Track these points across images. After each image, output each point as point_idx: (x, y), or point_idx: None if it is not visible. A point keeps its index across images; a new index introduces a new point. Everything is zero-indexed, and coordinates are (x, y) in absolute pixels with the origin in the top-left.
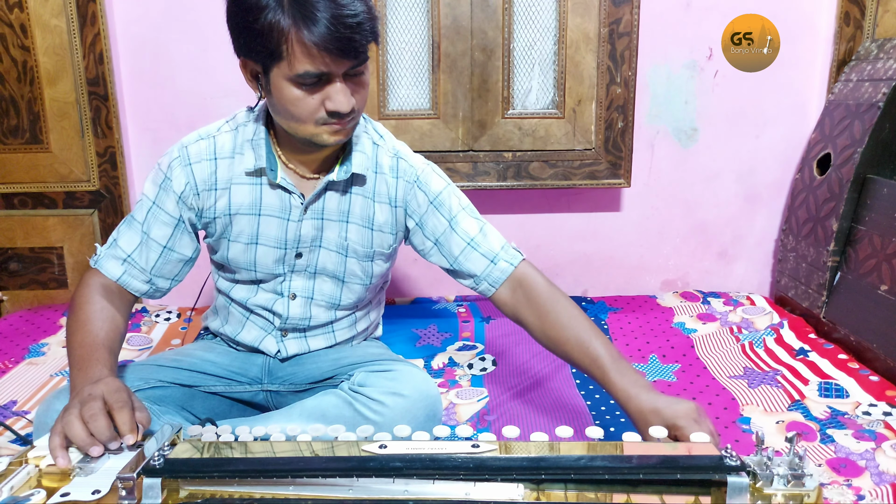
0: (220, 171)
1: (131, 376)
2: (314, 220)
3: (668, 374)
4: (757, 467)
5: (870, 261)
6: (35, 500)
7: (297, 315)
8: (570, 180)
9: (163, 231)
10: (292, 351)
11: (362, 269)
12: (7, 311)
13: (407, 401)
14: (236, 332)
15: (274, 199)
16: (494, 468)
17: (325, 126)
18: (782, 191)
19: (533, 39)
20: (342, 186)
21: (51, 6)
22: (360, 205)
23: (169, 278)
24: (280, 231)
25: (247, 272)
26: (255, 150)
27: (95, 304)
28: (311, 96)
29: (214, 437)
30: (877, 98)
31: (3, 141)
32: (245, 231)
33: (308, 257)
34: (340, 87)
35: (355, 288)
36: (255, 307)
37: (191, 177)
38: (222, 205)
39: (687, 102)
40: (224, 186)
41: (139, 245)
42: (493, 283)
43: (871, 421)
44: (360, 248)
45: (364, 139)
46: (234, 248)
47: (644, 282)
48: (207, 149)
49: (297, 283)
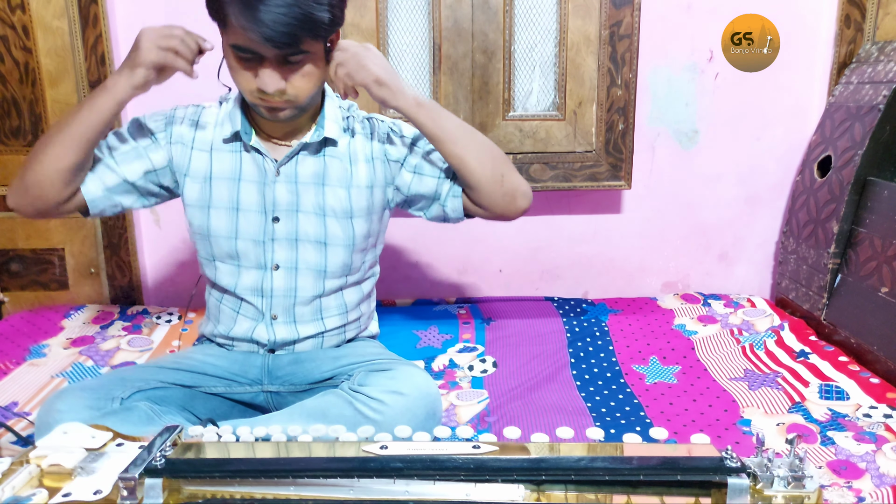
0: (199, 134)
1: (132, 378)
2: (288, 183)
3: (669, 376)
4: (757, 469)
5: (870, 263)
6: (37, 499)
7: (282, 288)
8: (570, 182)
9: (121, 145)
10: (281, 336)
11: (343, 230)
12: (8, 312)
13: (407, 399)
14: (229, 329)
15: (250, 164)
16: (495, 469)
17: (260, 101)
18: (783, 193)
19: (534, 41)
20: (315, 150)
21: (53, 8)
22: (335, 166)
23: (98, 185)
24: (259, 196)
25: (227, 242)
26: (232, 118)
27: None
28: (245, 70)
29: (215, 437)
30: (877, 100)
31: (5, 142)
32: (225, 197)
33: (287, 223)
34: (268, 70)
35: (338, 251)
36: (242, 293)
37: (171, 128)
38: (199, 167)
39: (687, 105)
40: (202, 149)
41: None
42: (457, 193)
43: (871, 423)
44: (338, 206)
45: (335, 110)
46: (214, 215)
47: (645, 284)
48: (193, 115)
49: (279, 253)
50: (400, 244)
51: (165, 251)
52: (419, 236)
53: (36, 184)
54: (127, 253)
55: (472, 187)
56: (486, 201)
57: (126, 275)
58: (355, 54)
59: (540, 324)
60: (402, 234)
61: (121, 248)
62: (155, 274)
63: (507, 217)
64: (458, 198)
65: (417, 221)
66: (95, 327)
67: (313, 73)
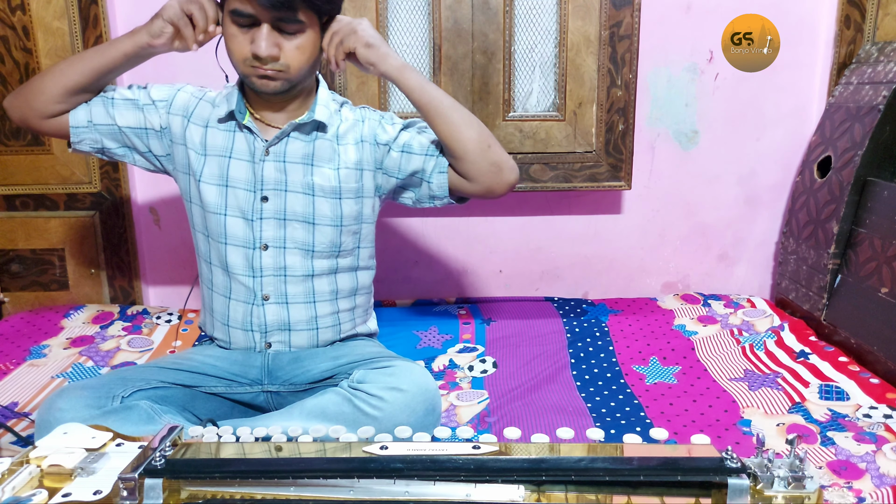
0: (198, 109)
1: (133, 377)
2: (276, 162)
3: (669, 377)
4: (757, 469)
5: (870, 263)
6: (37, 500)
7: (272, 266)
8: (570, 183)
9: (123, 94)
10: (272, 318)
11: (331, 209)
12: (8, 313)
13: (406, 395)
14: (225, 318)
15: (242, 142)
16: (495, 469)
17: (252, 69)
18: (783, 193)
19: (534, 42)
20: (306, 131)
21: (53, 8)
22: (323, 147)
23: (85, 117)
24: (248, 173)
25: (216, 218)
26: (229, 99)
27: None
28: (242, 35)
29: (216, 437)
30: (877, 101)
31: (5, 143)
32: (215, 173)
33: (275, 202)
34: (265, 33)
35: (326, 231)
36: (233, 270)
37: (174, 98)
38: (195, 138)
39: (687, 105)
40: (198, 123)
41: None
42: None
43: (871, 423)
44: (326, 185)
45: (328, 98)
46: (205, 189)
47: (645, 284)
48: (199, 91)
49: (268, 232)
50: (400, 244)
51: (165, 251)
52: (419, 237)
53: (33, 90)
54: (127, 253)
55: (458, 157)
56: (473, 171)
57: (126, 275)
58: (349, 23)
59: (540, 324)
60: (402, 234)
61: (121, 248)
62: (155, 274)
63: (494, 192)
64: (444, 173)
65: (417, 222)
66: (95, 327)
67: (306, 47)
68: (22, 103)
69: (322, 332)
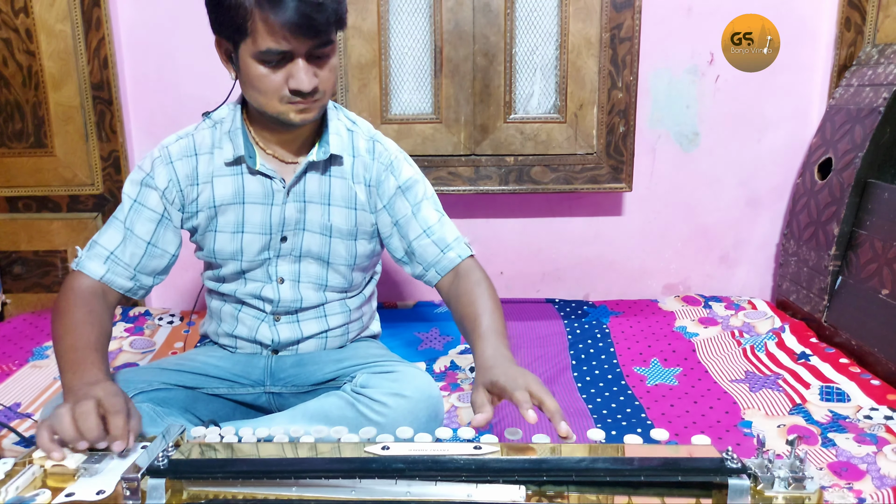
0: (200, 167)
1: (135, 379)
2: (297, 202)
3: (670, 378)
4: (758, 470)
5: (871, 265)
6: (40, 500)
7: (289, 298)
8: (571, 184)
9: (146, 227)
10: (285, 336)
11: (346, 250)
12: (11, 315)
13: (409, 401)
14: (232, 329)
15: (256, 185)
16: (496, 470)
17: (291, 104)
18: (783, 195)
19: (535, 44)
20: (321, 168)
21: (56, 11)
22: (340, 186)
23: (152, 275)
24: (265, 217)
25: (233, 262)
26: (233, 139)
27: (81, 308)
28: (274, 74)
29: (218, 438)
30: (877, 103)
31: (8, 145)
32: (230, 221)
33: (293, 240)
34: (303, 66)
35: (340, 269)
36: (244, 297)
37: (173, 174)
38: (205, 198)
39: (688, 107)
40: (206, 180)
41: (122, 242)
42: (440, 271)
43: (872, 425)
44: (343, 227)
45: (338, 124)
46: (220, 238)
47: (646, 286)
48: (187, 146)
49: (283, 267)
50: None
51: None
52: None
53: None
54: None
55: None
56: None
57: None
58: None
59: (541, 326)
60: None
61: None
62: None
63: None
64: (408, 266)
65: None
66: None
67: (335, 66)
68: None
69: (331, 340)
